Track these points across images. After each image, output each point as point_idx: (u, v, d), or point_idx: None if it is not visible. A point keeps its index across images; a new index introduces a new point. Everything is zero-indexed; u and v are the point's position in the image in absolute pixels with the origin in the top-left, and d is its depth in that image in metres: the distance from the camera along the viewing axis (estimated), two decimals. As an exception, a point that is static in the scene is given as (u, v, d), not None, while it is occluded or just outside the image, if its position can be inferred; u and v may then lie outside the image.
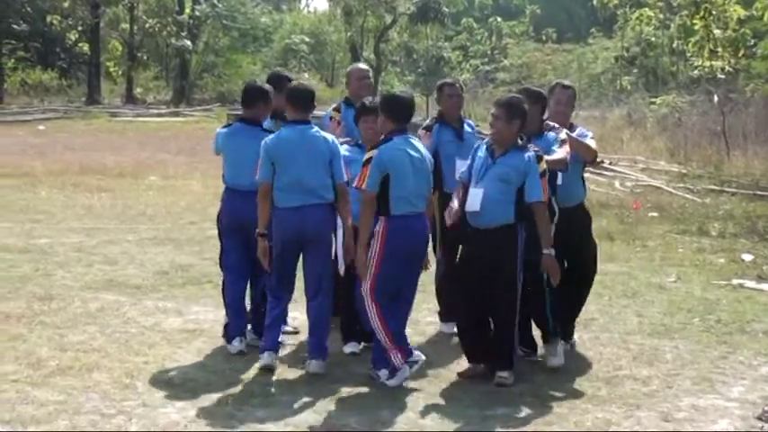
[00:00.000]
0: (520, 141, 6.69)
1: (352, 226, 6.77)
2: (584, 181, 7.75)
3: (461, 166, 7.13)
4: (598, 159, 21.80)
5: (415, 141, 6.79)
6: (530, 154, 6.64)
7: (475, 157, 6.83)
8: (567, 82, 8.03)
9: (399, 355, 6.55)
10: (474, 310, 6.78)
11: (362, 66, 9.22)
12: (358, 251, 6.56)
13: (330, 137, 6.96)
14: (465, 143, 7.75)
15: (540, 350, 7.26)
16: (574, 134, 7.32)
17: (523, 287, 6.74)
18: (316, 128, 6.92)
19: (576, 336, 7.72)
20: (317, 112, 7.39)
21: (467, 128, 8.01)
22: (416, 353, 6.67)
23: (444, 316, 8.01)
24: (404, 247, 6.58)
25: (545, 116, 7.27)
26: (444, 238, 7.66)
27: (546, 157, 6.75)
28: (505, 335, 6.68)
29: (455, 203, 6.82)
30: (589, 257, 7.66)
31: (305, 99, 6.91)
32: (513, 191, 6.59)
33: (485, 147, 6.80)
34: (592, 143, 7.49)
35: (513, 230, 6.62)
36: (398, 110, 6.71)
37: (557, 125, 7.25)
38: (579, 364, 7.19)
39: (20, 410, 5.90)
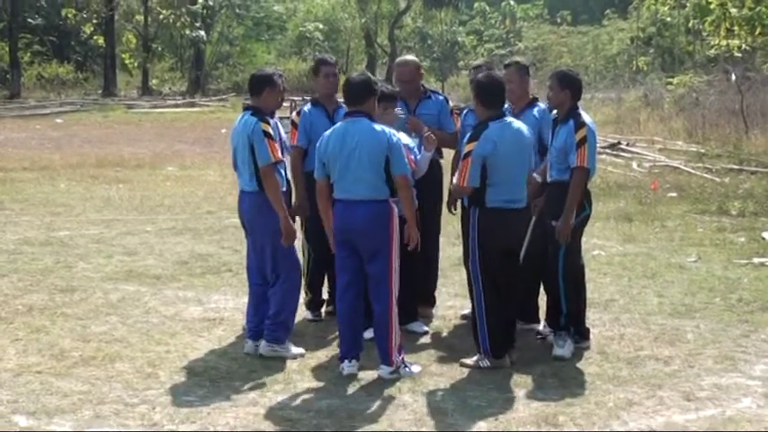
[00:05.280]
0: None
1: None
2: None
3: None
4: (615, 141, 21.82)
5: (362, 124, 6.45)
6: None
7: None
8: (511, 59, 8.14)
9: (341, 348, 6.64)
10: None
11: (409, 57, 8.37)
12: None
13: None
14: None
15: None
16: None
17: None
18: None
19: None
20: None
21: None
22: (345, 365, 6.53)
23: None
24: (339, 232, 6.54)
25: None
26: None
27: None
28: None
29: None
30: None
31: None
32: None
33: None
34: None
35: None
36: (345, 92, 6.64)
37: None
38: (600, 345, 7.18)
39: (44, 401, 5.95)
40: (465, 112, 7.92)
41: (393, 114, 7.02)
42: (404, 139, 6.99)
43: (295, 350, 6.94)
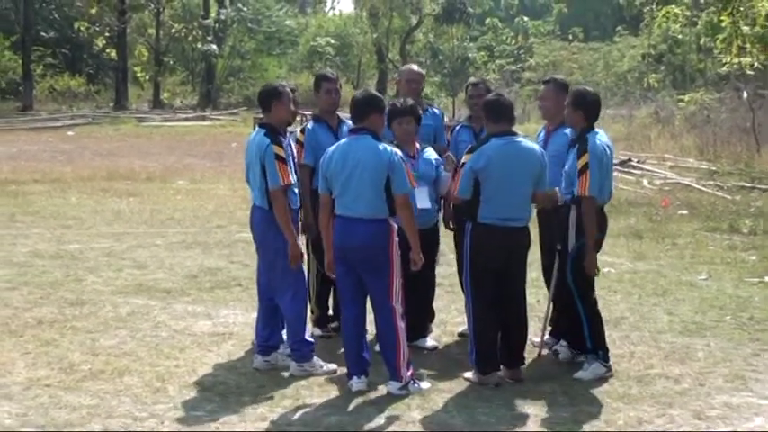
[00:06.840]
0: None
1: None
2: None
3: None
4: (626, 158, 21.75)
5: (366, 142, 6.45)
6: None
7: None
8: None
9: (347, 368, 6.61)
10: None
11: (414, 67, 8.45)
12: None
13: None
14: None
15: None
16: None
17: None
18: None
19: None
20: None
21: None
22: (354, 381, 6.51)
23: None
24: (338, 248, 6.52)
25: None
26: None
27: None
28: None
29: None
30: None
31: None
32: None
33: None
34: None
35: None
36: (351, 110, 6.66)
37: None
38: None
39: (53, 415, 5.96)
40: (458, 128, 8.03)
41: (412, 127, 7.11)
42: (430, 153, 7.32)
43: (326, 366, 6.91)
